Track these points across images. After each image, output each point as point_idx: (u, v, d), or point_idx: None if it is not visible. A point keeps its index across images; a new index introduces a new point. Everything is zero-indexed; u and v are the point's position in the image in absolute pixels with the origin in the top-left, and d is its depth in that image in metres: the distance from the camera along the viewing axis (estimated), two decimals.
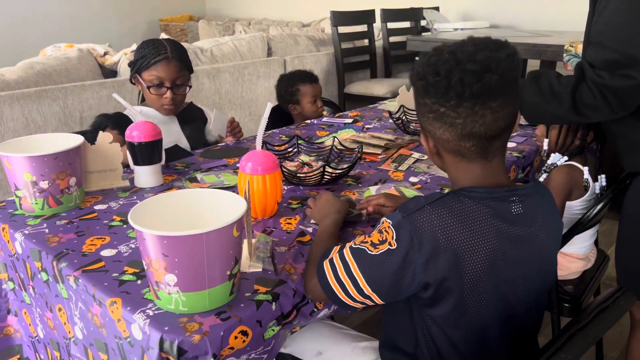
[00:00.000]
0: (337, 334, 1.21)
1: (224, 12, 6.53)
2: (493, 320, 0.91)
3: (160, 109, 1.76)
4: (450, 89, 0.83)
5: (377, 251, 0.87)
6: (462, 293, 0.86)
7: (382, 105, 2.44)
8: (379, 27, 4.22)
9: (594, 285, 1.67)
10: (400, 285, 0.86)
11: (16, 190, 1.24)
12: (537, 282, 0.95)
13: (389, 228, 0.87)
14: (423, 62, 0.88)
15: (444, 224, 0.84)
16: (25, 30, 5.22)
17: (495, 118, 0.84)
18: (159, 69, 1.70)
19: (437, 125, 0.88)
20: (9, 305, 1.30)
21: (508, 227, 0.87)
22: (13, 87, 2.35)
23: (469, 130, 0.85)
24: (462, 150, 0.88)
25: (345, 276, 0.89)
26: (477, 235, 0.85)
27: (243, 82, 3.26)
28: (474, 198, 0.87)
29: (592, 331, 0.84)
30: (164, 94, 1.72)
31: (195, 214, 0.96)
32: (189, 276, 0.85)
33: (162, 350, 0.83)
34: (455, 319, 0.89)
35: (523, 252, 0.90)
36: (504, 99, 0.84)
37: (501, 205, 0.88)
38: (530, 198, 0.91)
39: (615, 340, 1.99)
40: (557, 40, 2.88)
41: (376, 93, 3.74)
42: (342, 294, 0.90)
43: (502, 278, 0.89)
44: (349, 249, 0.91)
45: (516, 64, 0.86)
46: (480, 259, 0.85)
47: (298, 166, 1.53)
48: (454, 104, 0.84)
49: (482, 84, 0.82)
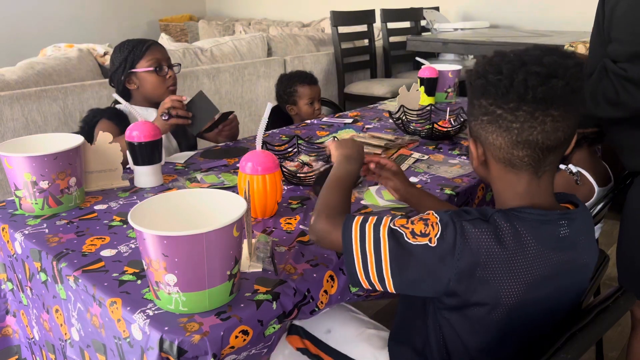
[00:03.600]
0: (348, 316, 1.20)
1: (224, 12, 6.53)
2: (515, 334, 0.88)
3: (165, 94, 1.77)
4: (511, 89, 0.79)
5: (415, 241, 0.82)
6: (489, 311, 0.84)
7: (382, 105, 2.44)
8: (379, 27, 4.21)
9: (594, 285, 1.66)
10: (421, 284, 0.83)
11: (16, 190, 1.24)
12: (569, 305, 0.92)
13: (436, 224, 0.82)
14: (484, 61, 0.84)
15: (489, 243, 0.80)
16: (25, 30, 5.22)
17: (555, 128, 0.80)
18: (154, 52, 1.75)
19: (491, 129, 0.83)
20: (7, 305, 1.30)
21: (552, 254, 0.84)
22: (13, 87, 2.35)
23: (525, 137, 0.81)
24: (514, 159, 0.84)
25: (371, 250, 0.85)
26: (518, 260, 0.81)
27: (243, 82, 3.26)
28: (523, 220, 0.83)
29: (592, 331, 0.84)
30: (167, 74, 1.76)
31: (195, 214, 0.96)
32: (189, 276, 0.85)
33: (162, 350, 0.83)
34: (474, 328, 0.87)
35: (562, 277, 0.86)
36: (566, 109, 0.79)
37: (549, 229, 0.84)
38: (577, 222, 0.87)
39: (615, 340, 1.99)
40: (557, 40, 2.88)
41: (376, 93, 3.73)
42: (360, 266, 0.86)
43: (533, 301, 0.85)
44: (387, 228, 0.85)
45: (583, 75, 0.81)
46: (515, 283, 0.82)
47: (298, 166, 1.53)
48: (513, 107, 0.80)
49: (547, 88, 0.77)
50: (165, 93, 1.77)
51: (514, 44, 2.97)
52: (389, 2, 4.29)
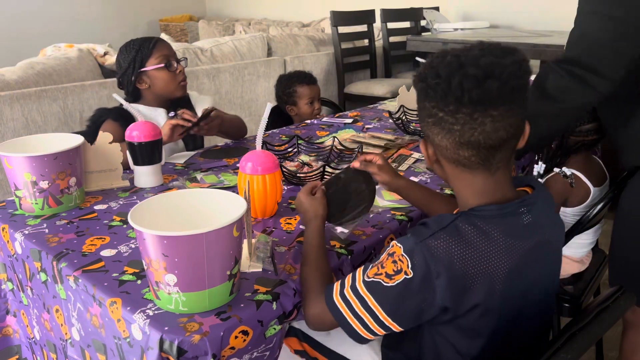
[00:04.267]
0: None
1: (224, 12, 6.53)
2: (508, 332, 0.89)
3: (177, 90, 1.78)
4: (449, 92, 0.79)
5: (394, 282, 0.82)
6: (478, 317, 0.84)
7: (382, 105, 2.44)
8: (379, 27, 4.21)
9: (594, 286, 1.67)
10: (422, 312, 0.83)
11: (16, 190, 1.24)
12: (549, 286, 0.94)
13: (402, 256, 0.82)
14: (426, 64, 0.85)
15: (459, 250, 0.81)
16: (25, 30, 5.22)
17: (495, 128, 0.80)
18: (161, 48, 1.76)
19: (436, 130, 0.84)
20: (8, 305, 1.30)
21: (521, 243, 0.85)
22: (13, 87, 2.35)
23: (467, 139, 0.81)
24: (462, 160, 0.84)
25: (363, 311, 0.85)
26: (492, 258, 0.82)
27: (243, 82, 3.26)
28: (485, 218, 0.84)
29: (592, 331, 0.84)
30: (177, 69, 1.76)
31: (195, 214, 0.96)
32: (189, 276, 0.85)
33: (162, 350, 0.83)
34: (468, 335, 0.87)
35: (536, 263, 0.88)
36: (505, 108, 0.79)
37: (512, 220, 0.85)
38: (537, 205, 0.88)
39: (615, 340, 1.99)
40: (557, 40, 2.88)
41: (376, 93, 3.74)
42: (362, 329, 0.86)
43: (518, 293, 0.86)
44: (363, 284, 0.86)
45: (523, 72, 0.82)
46: (496, 281, 0.83)
47: (298, 166, 1.53)
48: (453, 109, 0.80)
49: (482, 90, 0.78)
50: (177, 89, 1.77)
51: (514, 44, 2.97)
52: (389, 2, 4.29)
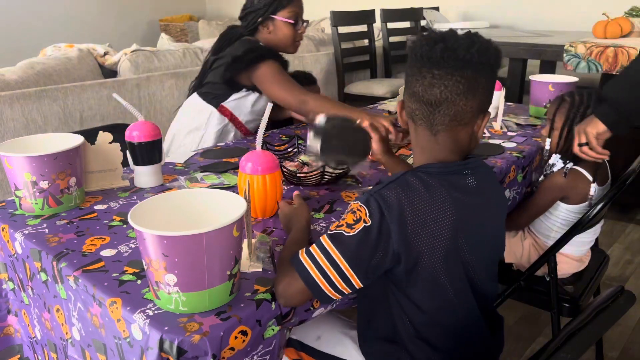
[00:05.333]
0: (334, 319, 1.23)
1: (224, 12, 6.53)
2: (464, 289, 0.97)
3: (291, 47, 1.83)
4: (415, 54, 0.95)
5: (354, 231, 0.89)
6: (433, 263, 0.91)
7: (382, 105, 2.44)
8: (379, 27, 4.22)
9: (594, 285, 1.66)
10: (379, 259, 0.89)
11: (16, 190, 1.24)
12: (493, 248, 1.05)
13: (360, 207, 0.90)
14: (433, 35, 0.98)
15: (409, 197, 0.89)
16: (25, 30, 5.22)
17: (432, 84, 0.92)
18: (297, 5, 1.79)
19: (404, 88, 0.99)
20: (9, 305, 1.30)
21: (466, 198, 0.94)
22: (13, 87, 2.35)
23: (412, 89, 0.95)
24: (411, 113, 0.98)
25: (326, 263, 0.89)
26: (440, 206, 0.91)
27: None
28: (430, 174, 0.93)
29: (592, 331, 0.84)
30: (300, 30, 1.80)
31: (195, 214, 0.96)
32: (189, 276, 0.85)
33: (162, 350, 0.83)
34: (427, 288, 0.93)
35: (481, 219, 0.98)
36: (445, 71, 0.91)
37: (457, 178, 0.95)
38: (479, 171, 0.99)
39: (615, 340, 2.00)
40: (557, 40, 2.88)
41: (376, 93, 3.74)
42: (326, 286, 0.90)
43: (466, 245, 0.94)
44: (327, 237, 0.91)
45: (477, 50, 0.91)
46: (445, 228, 0.91)
47: (298, 166, 1.53)
48: (412, 66, 0.96)
49: (431, 50, 0.92)
50: (291, 46, 1.83)
51: (514, 44, 2.97)
52: (389, 2, 4.29)
